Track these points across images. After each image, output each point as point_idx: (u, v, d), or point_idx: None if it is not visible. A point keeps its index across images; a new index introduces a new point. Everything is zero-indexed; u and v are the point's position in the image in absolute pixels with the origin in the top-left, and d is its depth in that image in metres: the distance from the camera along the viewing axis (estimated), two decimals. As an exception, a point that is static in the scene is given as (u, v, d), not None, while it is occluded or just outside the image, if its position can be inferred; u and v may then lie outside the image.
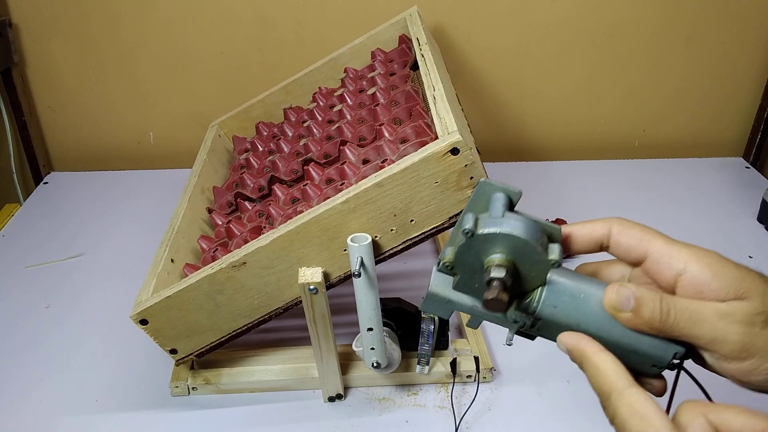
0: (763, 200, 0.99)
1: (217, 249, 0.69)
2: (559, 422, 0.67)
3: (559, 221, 0.90)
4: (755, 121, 1.20)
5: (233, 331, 0.65)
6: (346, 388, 0.71)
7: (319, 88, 0.92)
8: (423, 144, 0.63)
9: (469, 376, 0.71)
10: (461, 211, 0.56)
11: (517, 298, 0.38)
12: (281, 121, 0.91)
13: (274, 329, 0.80)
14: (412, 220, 0.59)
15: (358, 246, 0.57)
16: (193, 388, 0.71)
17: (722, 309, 0.34)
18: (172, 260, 0.69)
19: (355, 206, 0.57)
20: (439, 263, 0.38)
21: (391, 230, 0.60)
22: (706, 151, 1.24)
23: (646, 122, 1.23)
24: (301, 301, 0.62)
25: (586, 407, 0.69)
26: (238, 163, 0.86)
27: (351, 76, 0.89)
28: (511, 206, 0.38)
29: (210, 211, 0.79)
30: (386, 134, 0.70)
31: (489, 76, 1.17)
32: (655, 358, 0.37)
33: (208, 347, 0.66)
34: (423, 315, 0.67)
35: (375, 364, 0.65)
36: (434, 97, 0.64)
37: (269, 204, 0.71)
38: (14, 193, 1.21)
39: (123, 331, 0.78)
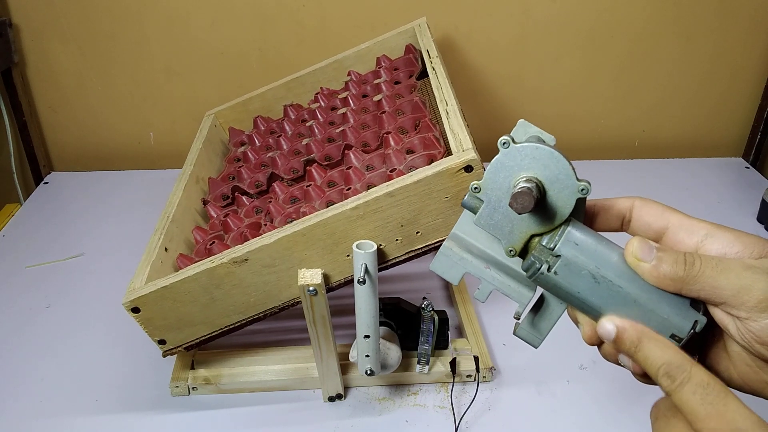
0: (763, 200, 0.99)
1: (214, 242, 0.68)
2: (559, 422, 0.67)
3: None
4: (755, 121, 1.20)
5: (225, 327, 0.65)
6: (346, 388, 0.71)
7: (321, 88, 0.92)
8: (431, 156, 0.65)
9: (468, 376, 0.71)
10: None
11: (537, 236, 0.37)
12: (280, 117, 0.91)
13: (275, 330, 0.80)
14: (418, 232, 0.60)
15: (364, 253, 0.57)
16: (193, 388, 0.71)
17: (748, 262, 0.33)
18: (165, 249, 0.68)
19: (364, 213, 0.58)
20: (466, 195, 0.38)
21: (397, 240, 0.60)
22: (706, 151, 1.24)
23: (646, 122, 1.23)
24: (297, 302, 0.62)
25: (586, 407, 0.69)
26: (233, 156, 0.86)
27: (355, 79, 0.89)
28: None
29: (205, 202, 0.78)
30: (392, 143, 0.71)
31: (489, 76, 1.17)
32: (675, 324, 0.35)
33: (197, 340, 0.66)
34: (423, 314, 0.67)
35: (369, 372, 0.65)
36: (447, 112, 0.65)
37: (269, 201, 0.71)
38: (14, 193, 1.21)
39: (123, 331, 0.78)
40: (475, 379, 0.71)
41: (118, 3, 1.08)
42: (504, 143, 0.36)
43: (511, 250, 0.38)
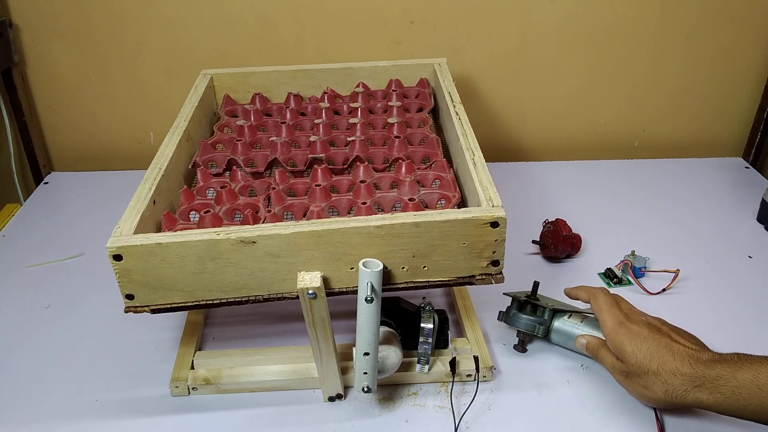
0: (763, 200, 0.99)
1: (209, 211, 0.67)
2: (559, 422, 0.67)
3: (559, 221, 0.90)
4: (755, 121, 1.20)
5: (202, 301, 0.62)
6: (346, 388, 0.71)
7: (327, 88, 0.93)
8: (444, 197, 0.68)
9: (468, 376, 0.71)
10: (468, 276, 0.63)
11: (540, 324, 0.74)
12: (280, 103, 0.92)
13: (275, 331, 0.80)
14: (425, 266, 0.61)
15: (370, 271, 0.57)
16: (193, 388, 0.71)
17: (614, 363, 0.67)
18: (154, 202, 0.67)
19: (385, 234, 0.58)
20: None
21: (403, 268, 0.61)
22: (706, 151, 1.24)
23: (646, 122, 1.23)
24: (285, 297, 0.62)
25: (586, 407, 0.69)
26: (223, 124, 0.86)
27: (365, 92, 0.91)
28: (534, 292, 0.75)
29: (195, 165, 0.78)
30: (404, 170, 0.72)
31: (489, 76, 1.17)
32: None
33: (168, 306, 0.63)
34: (422, 314, 0.67)
35: (366, 389, 0.65)
36: (474, 162, 0.67)
37: (272, 188, 0.71)
38: (14, 193, 1.22)
39: (123, 331, 0.78)
40: (475, 379, 0.71)
41: (118, 3, 1.08)
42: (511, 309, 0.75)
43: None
